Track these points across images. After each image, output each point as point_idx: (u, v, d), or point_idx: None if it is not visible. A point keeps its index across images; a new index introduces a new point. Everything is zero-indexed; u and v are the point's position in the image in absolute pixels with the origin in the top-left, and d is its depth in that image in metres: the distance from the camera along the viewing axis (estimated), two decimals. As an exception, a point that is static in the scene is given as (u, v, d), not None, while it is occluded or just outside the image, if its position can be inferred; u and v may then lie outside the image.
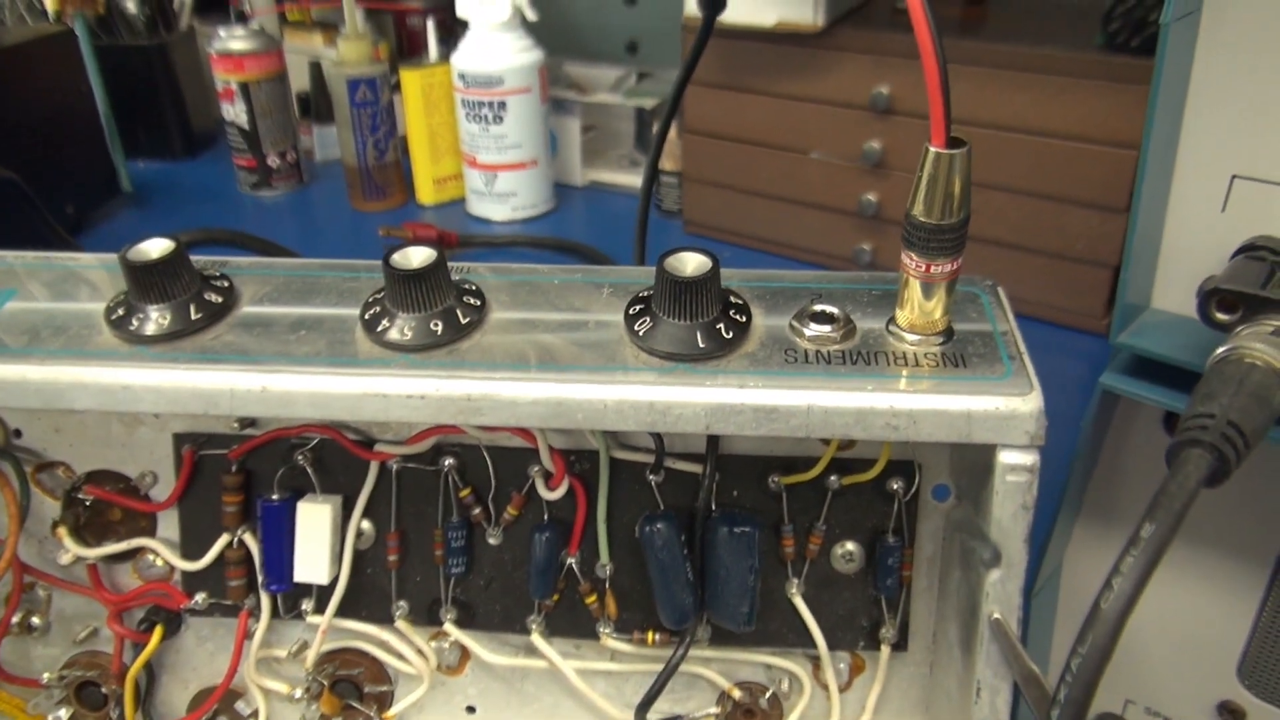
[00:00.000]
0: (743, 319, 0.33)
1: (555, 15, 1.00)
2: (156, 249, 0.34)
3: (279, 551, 0.39)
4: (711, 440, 0.37)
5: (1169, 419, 0.37)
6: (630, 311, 0.34)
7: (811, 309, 0.34)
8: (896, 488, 0.37)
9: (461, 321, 0.34)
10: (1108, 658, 0.23)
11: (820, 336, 0.33)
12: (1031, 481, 0.31)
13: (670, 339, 0.32)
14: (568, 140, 0.96)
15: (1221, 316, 0.29)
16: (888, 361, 0.32)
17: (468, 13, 0.86)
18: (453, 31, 0.92)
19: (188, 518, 0.41)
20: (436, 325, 0.33)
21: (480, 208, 0.92)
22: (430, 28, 0.92)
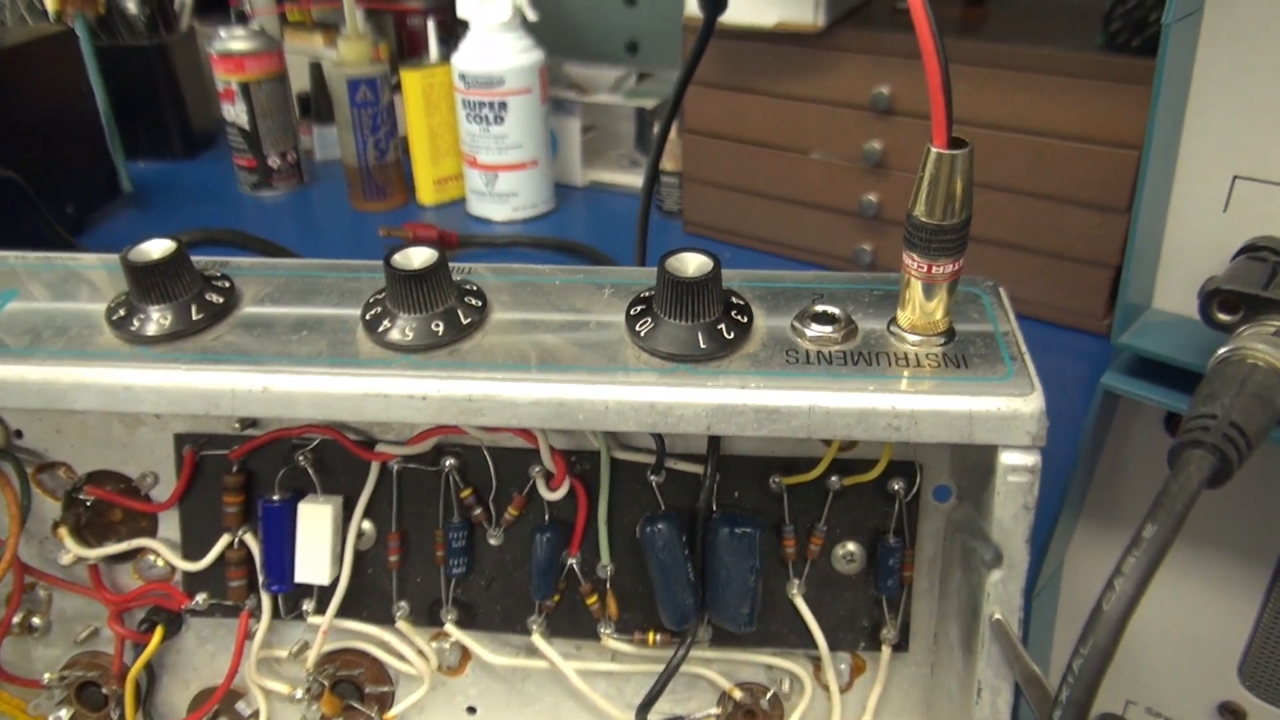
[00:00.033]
0: (744, 319, 0.33)
1: (555, 15, 1.00)
2: (158, 249, 0.34)
3: (280, 552, 0.39)
4: (713, 441, 0.37)
5: (1170, 420, 0.37)
6: (631, 312, 0.34)
7: (813, 309, 0.34)
8: (898, 488, 0.37)
9: (463, 322, 0.34)
10: (1110, 658, 0.23)
11: (822, 337, 0.33)
12: (1033, 482, 0.31)
13: (671, 339, 0.32)
14: (568, 140, 0.96)
15: (1223, 317, 0.29)
16: (889, 362, 0.32)
17: (468, 13, 0.86)
18: (453, 32, 0.92)
19: (188, 518, 0.41)
20: (438, 326, 0.33)
21: (481, 208, 0.92)
22: (431, 28, 0.92)
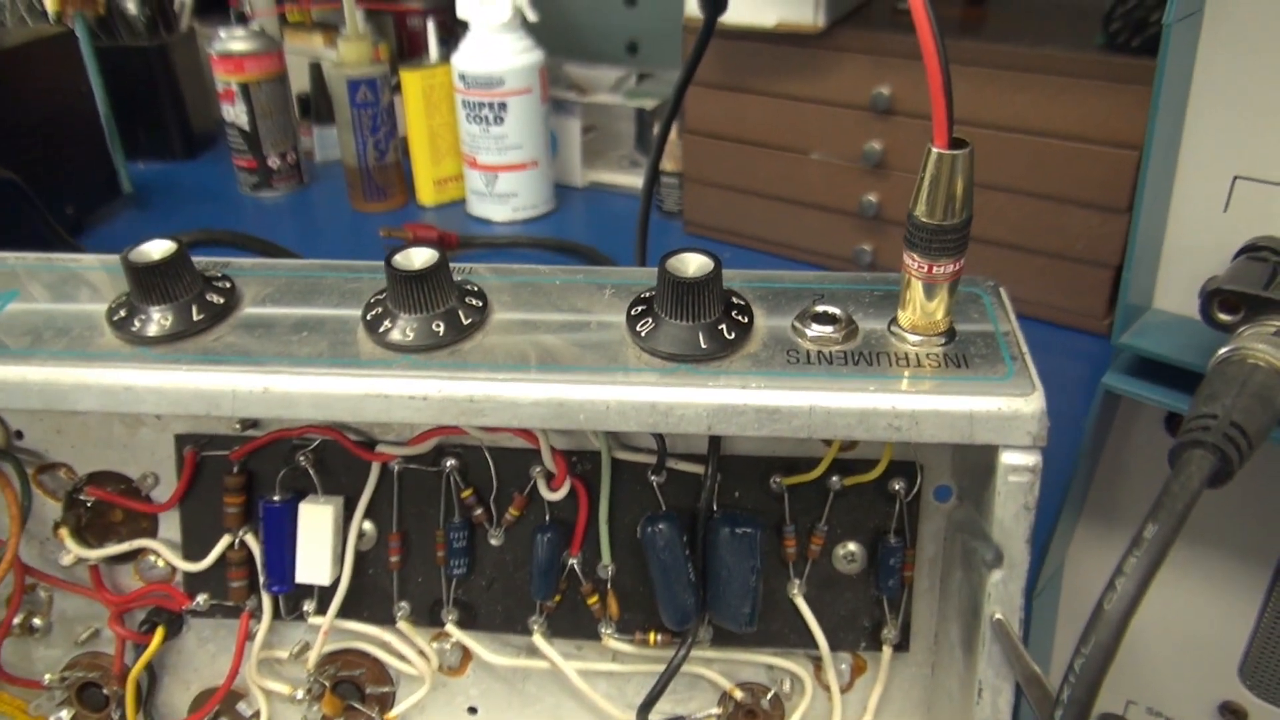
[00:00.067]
0: (745, 320, 0.33)
1: (555, 16, 1.00)
2: (158, 250, 0.34)
3: (281, 552, 0.39)
4: (713, 441, 0.37)
5: (1170, 420, 0.37)
6: (632, 312, 0.34)
7: (813, 310, 0.34)
8: (898, 488, 0.37)
9: (463, 322, 0.34)
10: (1111, 658, 0.23)
11: (822, 337, 0.33)
12: (1033, 482, 0.31)
13: (672, 340, 0.32)
14: (568, 141, 0.96)
15: (1224, 317, 0.29)
16: (890, 362, 0.32)
17: (468, 13, 0.86)
18: (453, 32, 0.92)
19: (189, 519, 0.41)
20: (438, 326, 0.33)
21: (481, 208, 0.92)
22: (430, 28, 0.92)
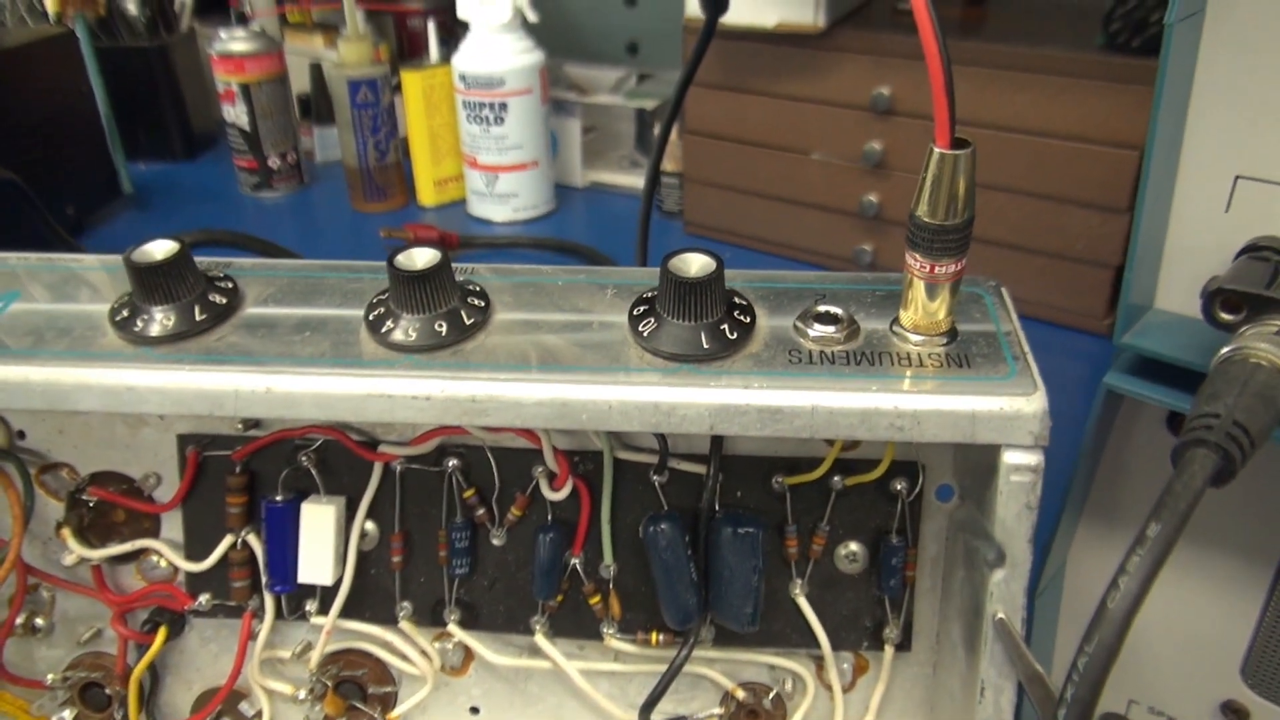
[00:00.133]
0: (747, 320, 0.33)
1: (556, 16, 1.00)
2: (161, 250, 0.34)
3: (283, 552, 0.39)
4: (715, 441, 0.37)
5: (1172, 419, 0.37)
6: (634, 312, 0.34)
7: (815, 310, 0.34)
8: (900, 488, 0.37)
9: (466, 322, 0.34)
10: (1114, 657, 0.23)
11: (824, 337, 0.33)
12: (1035, 481, 0.31)
13: (674, 340, 0.32)
14: (568, 141, 0.96)
15: (1226, 317, 0.29)
16: (892, 362, 0.32)
17: (468, 14, 0.86)
18: (453, 33, 0.92)
19: (192, 519, 0.41)
20: (441, 326, 0.33)
21: (481, 209, 0.92)
22: (431, 29, 0.92)
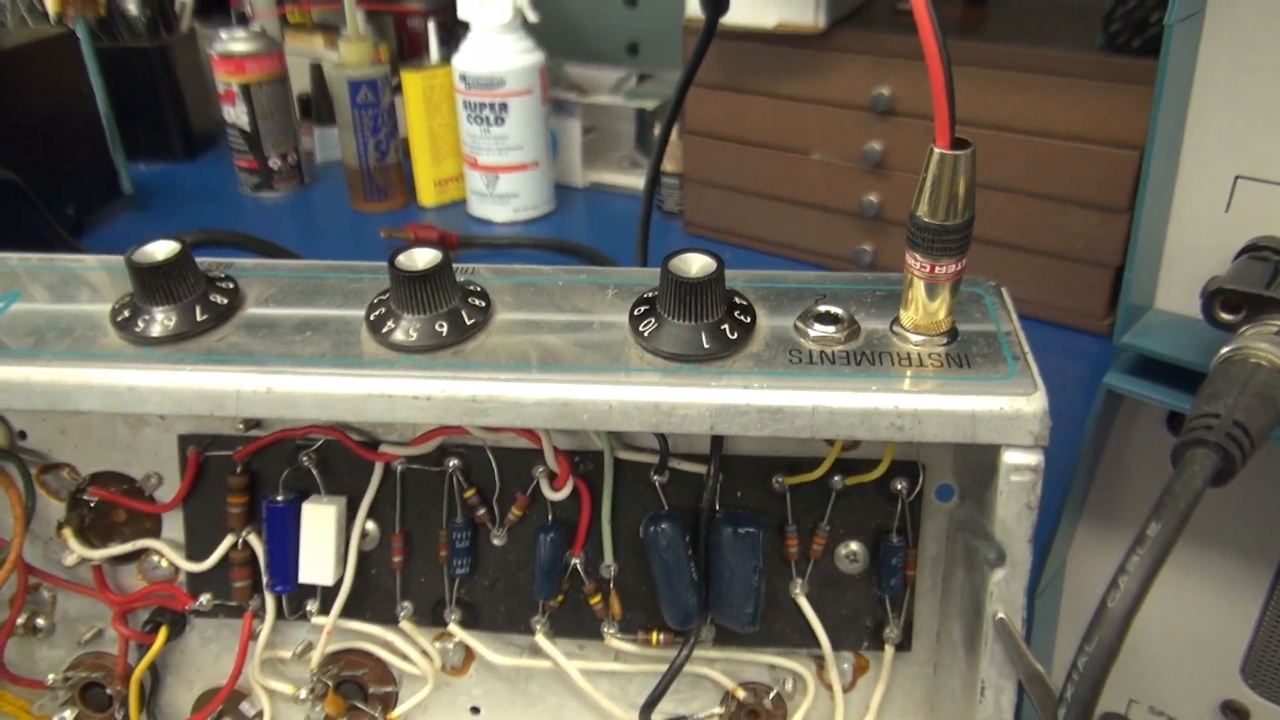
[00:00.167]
0: (747, 320, 0.33)
1: (556, 17, 1.00)
2: (162, 251, 0.34)
3: (284, 552, 0.39)
4: (716, 441, 0.37)
5: (1172, 419, 0.37)
6: (635, 312, 0.34)
7: (816, 310, 0.34)
8: (900, 488, 0.37)
9: (467, 323, 0.34)
10: (1115, 656, 0.23)
11: (825, 337, 0.33)
12: (1036, 481, 0.31)
13: (675, 340, 0.32)
14: (568, 142, 0.96)
15: (1226, 317, 0.30)
16: (892, 362, 0.32)
17: (469, 14, 0.86)
18: (454, 33, 0.92)
19: (192, 519, 0.41)
20: (442, 326, 0.33)
21: (481, 209, 0.92)
22: (431, 29, 0.92)
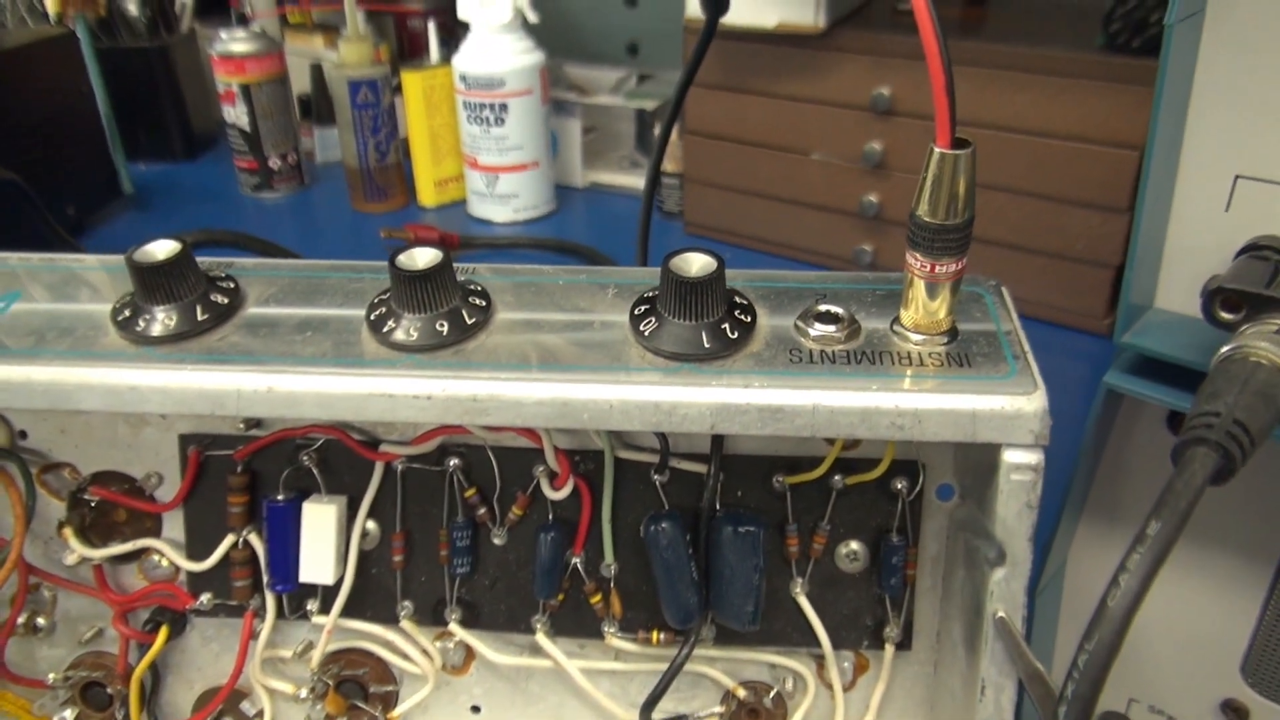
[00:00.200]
0: (748, 319, 0.33)
1: (556, 17, 1.00)
2: (163, 250, 0.34)
3: (284, 552, 0.39)
4: (716, 440, 0.37)
5: (1172, 418, 0.37)
6: (635, 312, 0.34)
7: (816, 309, 0.34)
8: (900, 487, 0.37)
9: (467, 322, 0.34)
10: (1115, 654, 0.23)
11: (825, 336, 0.33)
12: (1036, 480, 0.31)
13: (675, 339, 0.32)
14: (569, 142, 0.96)
15: (1226, 316, 0.30)
16: (892, 361, 0.32)
17: (469, 15, 0.86)
18: (454, 33, 0.92)
19: (193, 518, 0.41)
20: (442, 326, 0.33)
21: (481, 209, 0.93)
22: (431, 29, 0.92)
